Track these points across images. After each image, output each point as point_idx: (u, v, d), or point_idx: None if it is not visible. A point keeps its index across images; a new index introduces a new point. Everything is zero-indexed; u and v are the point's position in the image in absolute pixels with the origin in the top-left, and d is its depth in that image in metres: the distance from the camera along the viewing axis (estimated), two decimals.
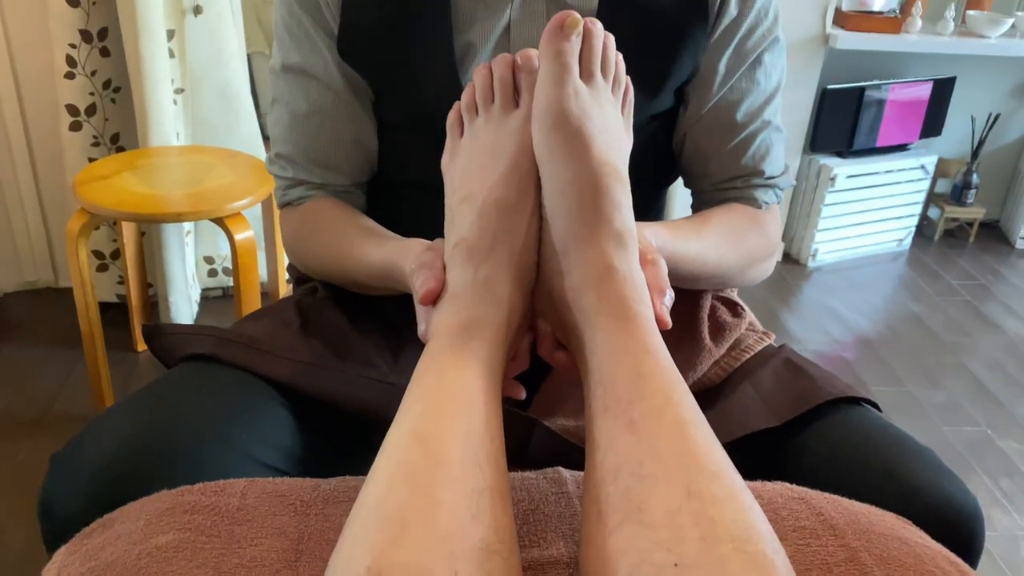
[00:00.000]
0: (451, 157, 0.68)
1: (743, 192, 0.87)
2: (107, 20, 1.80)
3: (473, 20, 0.79)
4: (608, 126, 0.64)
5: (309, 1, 0.81)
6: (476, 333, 0.57)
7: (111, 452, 0.64)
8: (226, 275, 2.16)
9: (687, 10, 0.79)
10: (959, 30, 2.46)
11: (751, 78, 0.84)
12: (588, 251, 0.59)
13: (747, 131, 0.85)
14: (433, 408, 0.51)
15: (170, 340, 0.79)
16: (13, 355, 1.91)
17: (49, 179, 2.06)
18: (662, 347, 0.55)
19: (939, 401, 1.96)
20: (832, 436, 0.72)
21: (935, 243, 2.80)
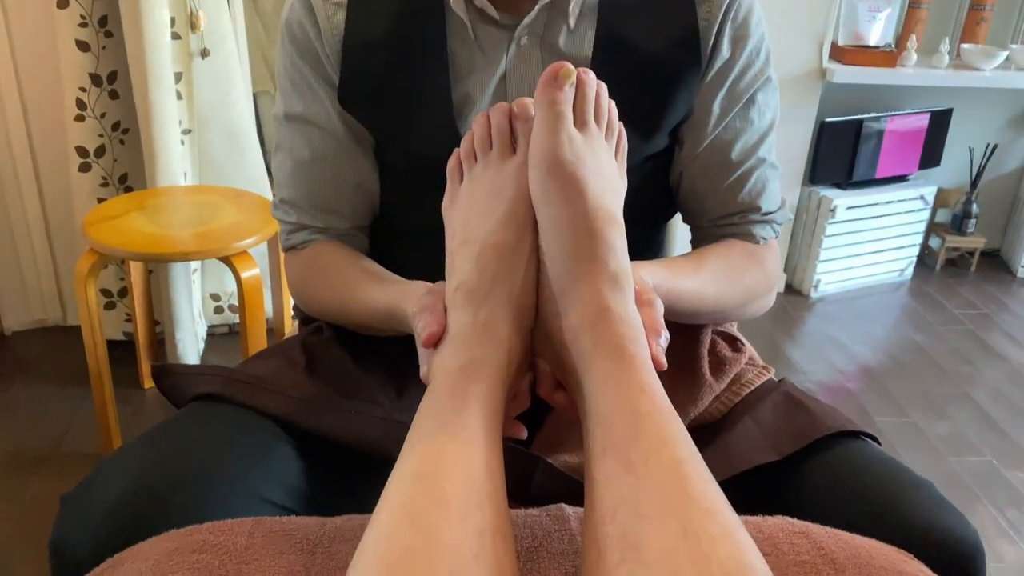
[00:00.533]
0: (451, 202, 0.70)
1: (741, 228, 0.88)
2: (116, 64, 1.84)
3: (471, 70, 0.82)
4: (602, 171, 0.66)
5: (309, 52, 0.83)
6: (476, 375, 0.58)
7: (121, 493, 0.65)
8: (232, 312, 2.18)
9: (679, 55, 0.81)
10: (954, 63, 2.49)
11: (745, 117, 0.85)
12: (584, 292, 0.61)
13: (742, 169, 0.86)
14: (434, 450, 0.52)
15: (179, 380, 0.81)
16: (22, 393, 1.93)
17: (58, 219, 2.09)
18: (658, 387, 0.56)
19: (944, 432, 1.96)
20: (832, 470, 0.73)
21: (937, 273, 2.81)
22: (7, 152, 1.99)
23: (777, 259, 0.92)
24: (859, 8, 2.38)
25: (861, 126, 2.47)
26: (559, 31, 0.81)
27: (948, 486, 1.76)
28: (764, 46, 0.85)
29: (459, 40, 0.81)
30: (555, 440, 0.81)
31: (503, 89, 0.82)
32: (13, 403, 1.89)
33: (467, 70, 0.82)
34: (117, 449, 0.72)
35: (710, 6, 0.81)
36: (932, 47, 2.49)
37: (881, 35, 2.42)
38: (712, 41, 0.81)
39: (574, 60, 0.80)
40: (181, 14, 1.80)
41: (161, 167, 1.80)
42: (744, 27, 0.83)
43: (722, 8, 0.81)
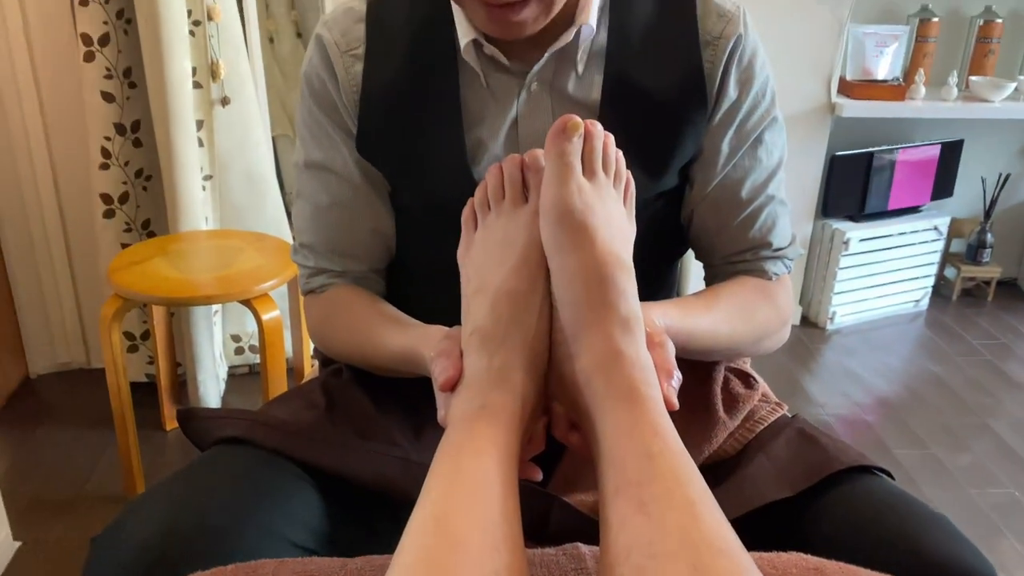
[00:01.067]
0: (466, 250, 0.73)
1: (753, 265, 0.90)
2: (140, 113, 1.89)
3: (483, 116, 0.84)
4: (611, 218, 0.68)
5: (327, 102, 0.87)
6: (492, 419, 0.60)
7: (149, 536, 0.67)
8: (252, 353, 2.21)
9: (686, 96, 0.83)
10: (963, 95, 2.51)
11: (753, 156, 0.87)
12: (595, 336, 0.63)
13: (752, 206, 0.88)
14: (451, 493, 0.54)
15: (203, 424, 0.83)
16: (47, 436, 1.96)
17: (83, 264, 2.13)
18: (670, 428, 0.58)
19: (964, 463, 1.95)
20: (846, 505, 0.73)
21: (953, 303, 2.80)
22: (35, 199, 2.04)
23: (790, 295, 0.93)
24: (866, 43, 2.41)
25: (872, 159, 2.49)
26: (568, 77, 0.83)
27: (969, 519, 1.74)
28: (770, 87, 0.88)
29: (471, 88, 0.84)
30: (571, 480, 0.82)
31: (515, 134, 0.85)
32: (39, 446, 1.92)
33: (479, 116, 0.84)
34: (144, 492, 0.74)
35: (715, 49, 0.83)
36: (940, 80, 2.52)
37: (889, 69, 2.45)
38: (718, 82, 0.83)
39: (583, 104, 0.83)
40: (202, 64, 1.86)
41: (183, 212, 1.84)
42: (750, 69, 0.85)
43: (727, 50, 0.83)
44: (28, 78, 1.94)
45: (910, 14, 2.48)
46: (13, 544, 1.58)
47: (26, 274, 2.11)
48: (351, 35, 0.85)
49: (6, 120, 1.97)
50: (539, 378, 0.66)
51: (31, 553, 1.58)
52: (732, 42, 0.83)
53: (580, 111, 0.82)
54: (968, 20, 2.54)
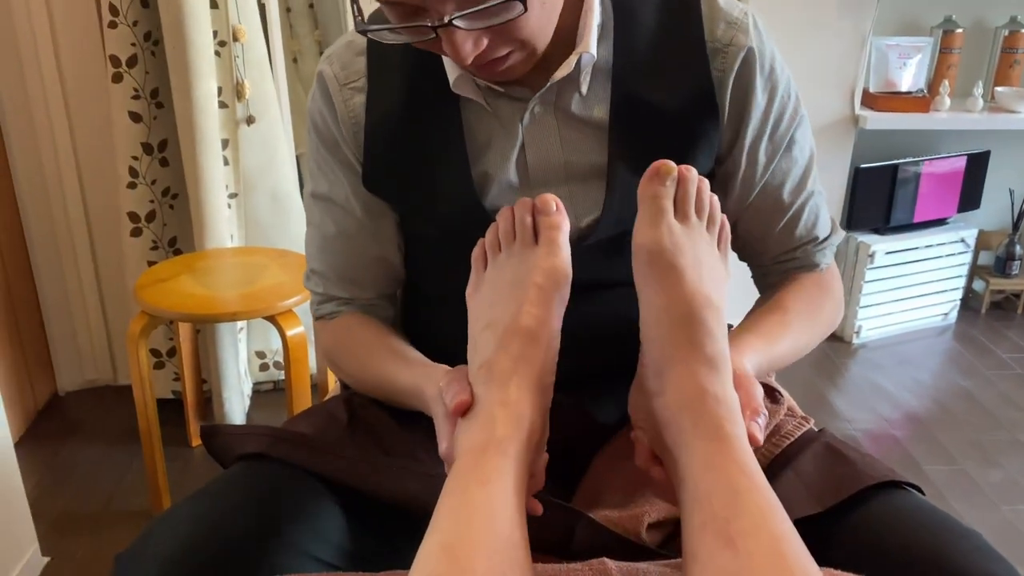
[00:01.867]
0: (475, 289, 0.75)
1: (804, 260, 0.92)
2: (167, 133, 1.92)
3: (489, 142, 0.83)
4: (701, 260, 0.70)
5: (328, 139, 0.88)
6: (499, 451, 0.61)
7: (173, 553, 0.67)
8: (277, 369, 2.22)
9: (697, 109, 0.82)
10: (989, 106, 2.49)
11: (789, 158, 0.88)
12: (682, 375, 0.64)
13: (795, 207, 0.90)
14: (459, 522, 0.56)
15: (227, 440, 0.84)
16: (75, 453, 1.98)
17: (110, 282, 2.16)
18: (755, 465, 0.59)
19: (996, 480, 1.91)
20: (877, 521, 0.72)
21: (982, 316, 2.77)
22: (63, 219, 2.08)
23: (839, 279, 0.96)
24: (889, 55, 2.40)
25: (897, 171, 2.47)
26: (571, 97, 0.82)
27: (1002, 535, 1.71)
28: (792, 87, 0.87)
29: (475, 113, 0.83)
30: (595, 494, 0.82)
31: (523, 160, 0.84)
32: (66, 462, 1.94)
33: (486, 143, 0.83)
34: (169, 509, 0.74)
35: (724, 57, 0.82)
36: (965, 91, 2.50)
37: (913, 81, 2.43)
38: (730, 91, 0.82)
39: (590, 123, 0.83)
40: (228, 84, 1.88)
41: (209, 230, 1.86)
42: (772, 74, 0.84)
43: (737, 59, 0.82)
44: (58, 99, 1.97)
45: (934, 25, 2.47)
46: (42, 560, 1.60)
47: (55, 292, 2.14)
48: (351, 68, 0.85)
49: (36, 140, 2.00)
50: (544, 413, 0.67)
51: (59, 569, 1.59)
52: (744, 51, 0.82)
53: (588, 130, 0.82)
54: (993, 31, 2.52)
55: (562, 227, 0.71)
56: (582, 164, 0.83)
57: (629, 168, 0.82)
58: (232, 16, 1.85)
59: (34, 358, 2.12)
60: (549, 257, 0.70)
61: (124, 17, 1.80)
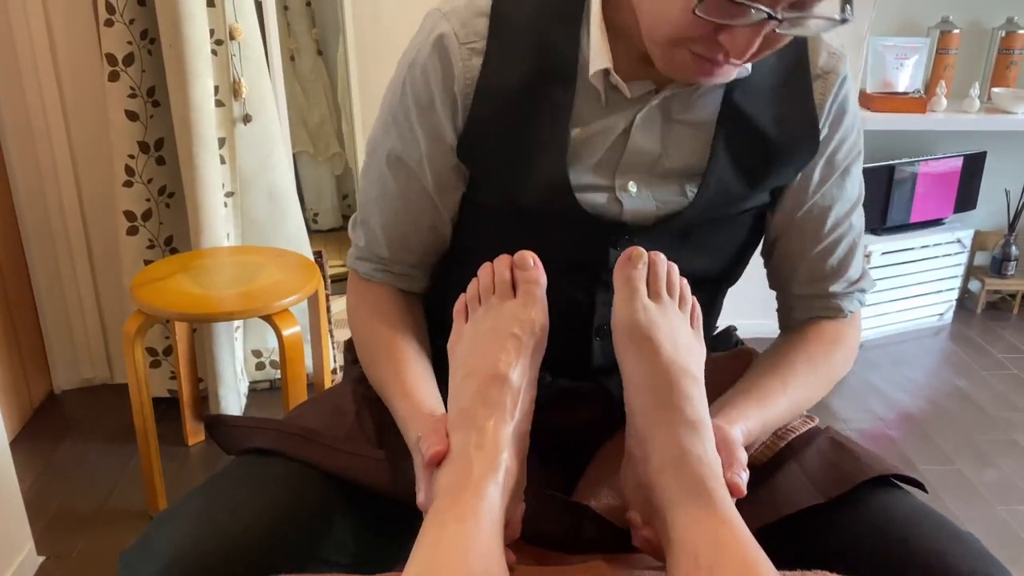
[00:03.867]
0: (456, 340, 0.78)
1: (829, 303, 0.92)
2: (163, 131, 1.92)
3: (590, 123, 0.83)
4: (676, 334, 0.74)
5: (423, 99, 0.84)
6: (475, 492, 0.64)
7: (177, 550, 0.68)
8: (273, 368, 2.22)
9: (798, 132, 0.85)
10: (985, 107, 2.49)
11: (841, 186, 0.89)
12: (664, 438, 0.68)
13: (834, 235, 0.91)
14: (435, 557, 0.59)
15: (232, 431, 0.85)
16: (71, 452, 1.97)
17: (107, 280, 2.16)
18: (738, 519, 0.62)
19: (991, 480, 1.92)
20: (875, 519, 0.74)
21: (978, 316, 2.77)
22: (60, 217, 2.07)
23: (858, 328, 0.95)
24: (886, 56, 2.40)
25: (893, 171, 2.47)
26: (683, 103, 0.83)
27: (997, 536, 1.72)
28: (859, 122, 0.90)
29: (587, 101, 0.82)
30: (596, 483, 0.84)
31: (622, 144, 0.83)
32: (62, 461, 1.94)
33: (588, 123, 0.83)
34: (172, 506, 0.75)
35: (824, 82, 0.85)
36: (962, 92, 2.50)
37: (910, 81, 2.44)
38: (826, 113, 0.85)
39: (697, 124, 0.84)
40: (224, 83, 1.88)
41: (205, 229, 1.86)
42: (845, 103, 0.87)
43: (835, 85, 0.85)
44: (54, 97, 1.97)
45: (931, 26, 2.47)
46: (37, 559, 1.60)
47: (51, 290, 2.14)
48: (471, 27, 0.82)
49: (32, 138, 2.00)
50: (521, 459, 0.70)
51: (54, 568, 1.59)
52: (841, 78, 0.85)
53: (693, 131, 0.84)
54: (990, 32, 2.53)
55: (540, 281, 0.75)
56: (675, 162, 0.84)
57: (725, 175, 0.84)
58: (229, 15, 1.84)
59: (30, 356, 2.12)
60: (526, 309, 0.74)
61: (121, 15, 1.79)
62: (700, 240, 0.88)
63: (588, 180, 0.83)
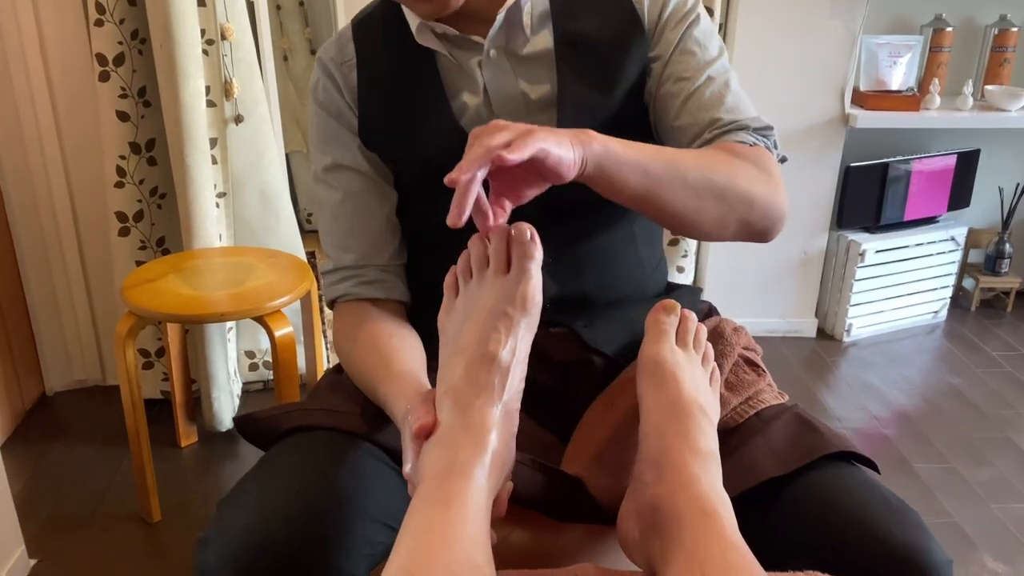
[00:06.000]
0: (446, 314, 0.78)
1: (725, 138, 0.90)
2: (155, 132, 1.91)
3: (459, 87, 0.95)
4: (695, 379, 0.80)
5: (333, 110, 0.99)
6: (461, 474, 0.64)
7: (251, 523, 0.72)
8: (267, 369, 2.21)
9: (625, 32, 0.94)
10: (979, 104, 2.49)
11: (685, 51, 0.94)
12: (678, 463, 0.71)
13: (695, 88, 0.92)
14: (419, 545, 0.58)
15: (265, 423, 0.89)
16: (63, 454, 1.97)
17: (98, 281, 2.15)
18: (744, 545, 0.64)
19: (985, 478, 1.92)
20: (825, 491, 0.78)
21: (972, 314, 2.77)
22: (51, 219, 2.06)
23: (771, 166, 0.89)
24: (879, 54, 2.40)
25: (887, 169, 2.47)
26: (519, 39, 0.94)
27: (992, 533, 1.72)
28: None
29: (445, 67, 0.95)
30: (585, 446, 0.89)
31: (487, 100, 0.94)
32: (55, 463, 1.93)
33: (456, 87, 0.95)
34: (236, 486, 0.79)
35: None
36: (956, 89, 2.50)
37: (903, 80, 2.44)
38: (647, 6, 0.94)
39: (539, 59, 0.94)
40: (216, 83, 1.87)
41: (197, 230, 1.85)
42: None
43: None
44: (44, 97, 1.96)
45: (923, 24, 2.47)
46: (29, 562, 1.59)
47: (43, 292, 2.13)
48: (344, 51, 0.99)
49: (23, 138, 1.99)
50: (510, 439, 0.70)
51: (47, 570, 1.58)
52: None
53: (538, 65, 0.94)
54: (983, 29, 2.53)
55: (535, 256, 0.74)
56: (538, 95, 0.94)
57: (575, 85, 0.93)
58: (220, 14, 1.84)
59: (22, 358, 2.11)
60: (520, 286, 0.72)
61: (111, 15, 1.79)
62: None
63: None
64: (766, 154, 0.90)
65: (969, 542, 1.68)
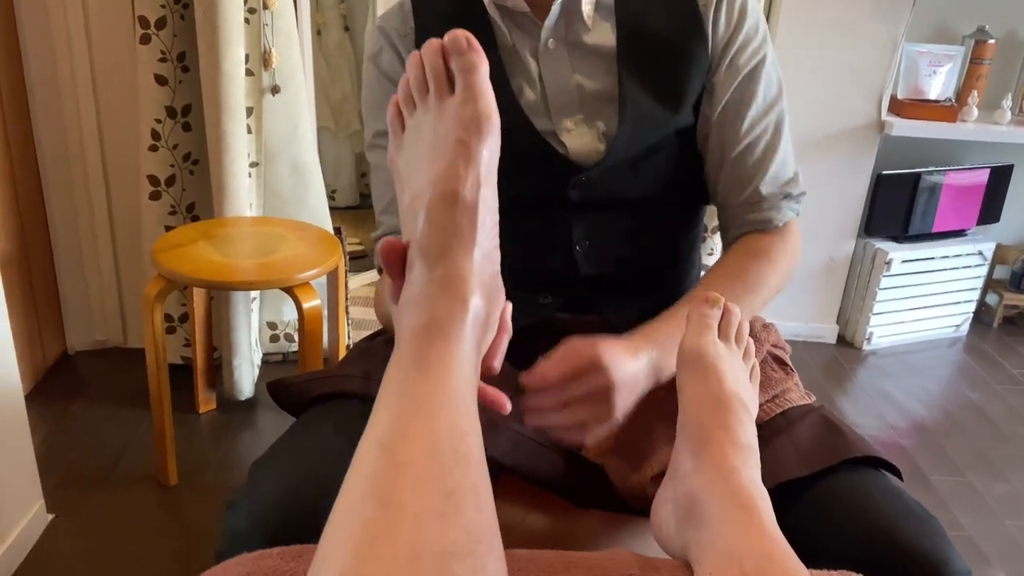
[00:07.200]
0: (396, 153, 0.68)
1: (759, 212, 0.98)
2: (191, 98, 1.91)
3: (514, 70, 0.94)
4: (736, 373, 0.78)
5: (393, 73, 0.98)
6: (438, 334, 0.56)
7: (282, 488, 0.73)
8: (287, 341, 2.22)
9: (688, 35, 0.94)
10: (1016, 119, 2.47)
11: (750, 88, 0.96)
12: (717, 453, 0.70)
13: (752, 136, 0.96)
14: (396, 415, 0.51)
15: (297, 388, 0.91)
16: (82, 413, 1.98)
17: (126, 244, 2.16)
18: (783, 537, 0.63)
19: (1001, 493, 1.91)
20: (848, 494, 0.78)
21: (994, 330, 2.76)
22: (83, 178, 2.07)
23: (793, 240, 1.00)
24: (919, 63, 2.38)
25: (919, 179, 2.45)
26: (579, 30, 0.94)
27: (1006, 549, 1.71)
28: (761, 28, 0.97)
29: (501, 43, 0.95)
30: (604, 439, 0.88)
31: (543, 88, 0.94)
32: (74, 421, 1.95)
33: (512, 69, 0.95)
34: (266, 452, 0.81)
35: None
36: (994, 103, 2.48)
37: (941, 89, 2.41)
38: (711, 20, 0.94)
39: (600, 52, 0.94)
40: (255, 52, 1.87)
41: (229, 198, 1.85)
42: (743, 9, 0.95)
43: None
44: (84, 55, 1.97)
45: (966, 35, 2.45)
46: (47, 516, 1.60)
47: (70, 250, 2.14)
48: (405, 24, 0.99)
49: (59, 96, 2.00)
50: (491, 283, 0.61)
51: (63, 526, 1.60)
52: None
53: (597, 59, 0.93)
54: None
55: (479, 67, 0.62)
56: (593, 89, 0.93)
57: (637, 90, 0.92)
58: None
59: (46, 315, 2.12)
60: (468, 105, 0.62)
61: None
62: (650, 169, 0.95)
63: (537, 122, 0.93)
64: (791, 232, 0.99)
65: (983, 557, 1.68)
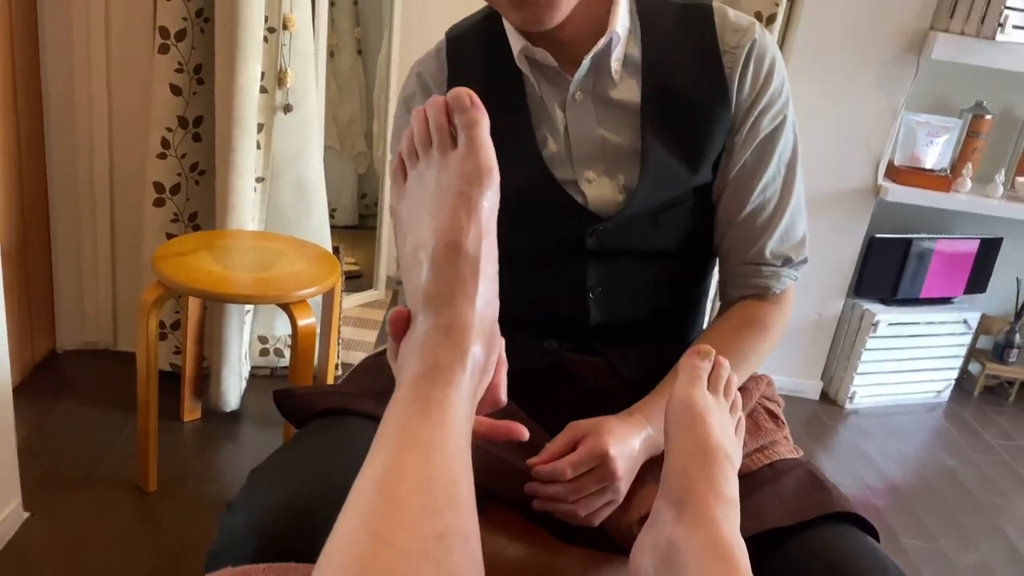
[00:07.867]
0: (398, 200, 0.71)
1: (758, 276, 1.00)
2: (203, 110, 1.94)
3: (539, 122, 0.97)
4: (723, 425, 0.80)
5: None
6: (439, 379, 0.58)
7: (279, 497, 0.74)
8: (277, 356, 2.23)
9: (712, 98, 0.95)
10: (1008, 194, 2.52)
11: (767, 151, 0.98)
12: (699, 505, 0.71)
13: (762, 198, 0.99)
14: (394, 456, 0.53)
15: (302, 400, 0.91)
16: (66, 412, 1.98)
17: (125, 248, 2.17)
18: None
19: (971, 562, 1.93)
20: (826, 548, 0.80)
21: (974, 398, 2.79)
22: (88, 179, 2.09)
23: (785, 310, 1.03)
24: (918, 132, 2.43)
25: (910, 245, 2.50)
26: (606, 85, 0.95)
27: None
28: (785, 90, 0.98)
29: (530, 94, 0.97)
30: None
31: (567, 140, 0.96)
32: (57, 420, 1.94)
33: (538, 120, 0.97)
34: (266, 460, 0.82)
35: (732, 56, 0.95)
36: (987, 176, 2.53)
37: (937, 159, 2.47)
38: (736, 83, 0.95)
39: (625, 107, 0.96)
40: (271, 70, 1.90)
41: (232, 210, 1.87)
42: (762, 67, 0.96)
43: (742, 56, 0.95)
44: (101, 59, 1.99)
45: (964, 108, 2.51)
46: (23, 515, 1.60)
47: (69, 249, 2.15)
48: (441, 72, 1.01)
49: (72, 96, 2.02)
50: (490, 330, 0.64)
51: (39, 526, 1.59)
52: (747, 48, 0.95)
53: (622, 114, 0.95)
54: (1020, 121, 2.56)
55: (481, 122, 0.65)
56: (617, 142, 0.95)
57: (659, 146, 0.94)
58: (285, 4, 1.87)
59: (39, 311, 2.12)
60: (471, 159, 0.64)
61: None
62: (666, 222, 0.97)
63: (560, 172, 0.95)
64: (787, 300, 1.02)
65: None
